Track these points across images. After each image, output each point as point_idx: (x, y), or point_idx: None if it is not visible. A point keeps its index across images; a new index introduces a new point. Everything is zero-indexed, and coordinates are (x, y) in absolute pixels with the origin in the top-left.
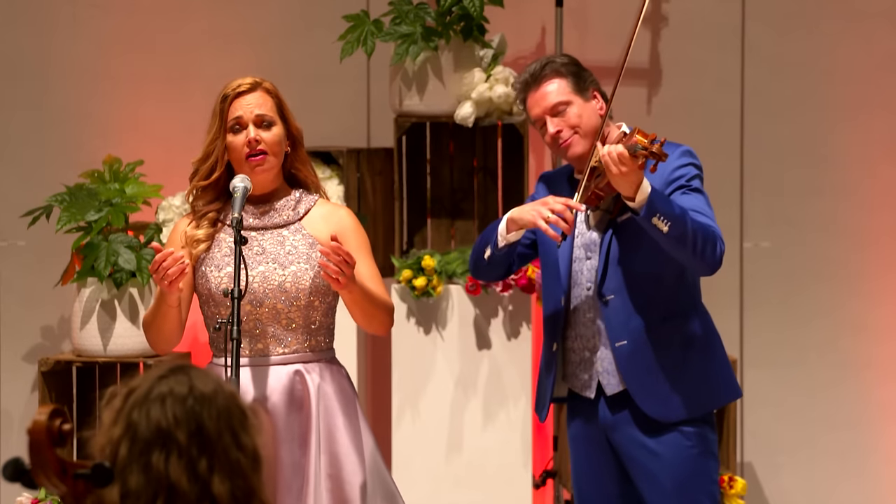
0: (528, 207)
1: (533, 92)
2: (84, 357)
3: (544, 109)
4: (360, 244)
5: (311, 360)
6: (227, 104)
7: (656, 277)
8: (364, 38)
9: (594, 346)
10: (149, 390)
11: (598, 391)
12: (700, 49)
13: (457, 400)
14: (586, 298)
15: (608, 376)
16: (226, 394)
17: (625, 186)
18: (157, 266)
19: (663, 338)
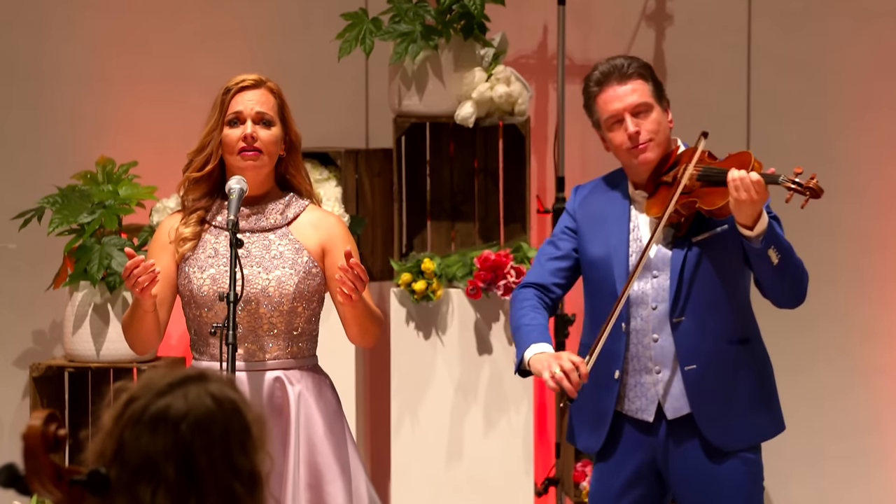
0: (545, 357)
1: (617, 85)
2: (76, 362)
3: (626, 106)
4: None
5: (292, 367)
6: (228, 97)
7: (727, 301)
8: (362, 36)
9: (657, 369)
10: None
11: (656, 414)
12: (705, 48)
13: (457, 406)
14: (651, 319)
15: (672, 399)
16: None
17: (746, 214)
18: (129, 273)
19: (731, 363)
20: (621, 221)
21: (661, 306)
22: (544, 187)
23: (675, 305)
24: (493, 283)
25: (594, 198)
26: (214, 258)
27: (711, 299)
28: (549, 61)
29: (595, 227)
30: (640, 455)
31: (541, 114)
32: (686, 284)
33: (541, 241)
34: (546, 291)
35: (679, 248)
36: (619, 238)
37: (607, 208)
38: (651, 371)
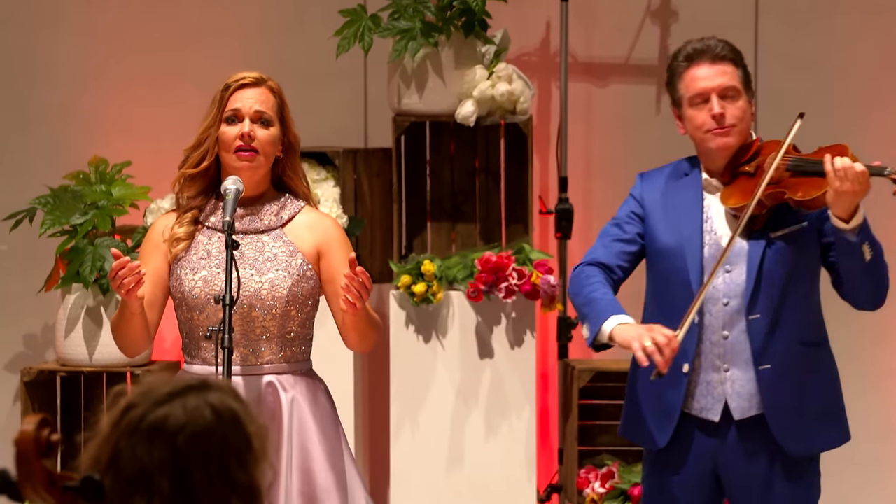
0: (633, 329)
1: (708, 64)
2: (69, 366)
3: (715, 87)
4: (346, 257)
5: (284, 371)
6: (227, 94)
7: (803, 301)
8: (361, 33)
9: (725, 367)
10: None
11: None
12: None
13: (458, 411)
14: (721, 314)
15: (740, 399)
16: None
17: (845, 206)
18: (114, 274)
19: (804, 365)
20: (693, 210)
21: (734, 302)
22: (547, 187)
23: (753, 302)
24: (494, 285)
25: (662, 184)
26: (207, 260)
27: (787, 298)
28: (552, 59)
29: (665, 214)
30: (702, 459)
31: (543, 112)
32: (764, 279)
33: (544, 242)
34: (610, 272)
35: (757, 242)
36: (691, 228)
37: (678, 196)
38: (719, 369)
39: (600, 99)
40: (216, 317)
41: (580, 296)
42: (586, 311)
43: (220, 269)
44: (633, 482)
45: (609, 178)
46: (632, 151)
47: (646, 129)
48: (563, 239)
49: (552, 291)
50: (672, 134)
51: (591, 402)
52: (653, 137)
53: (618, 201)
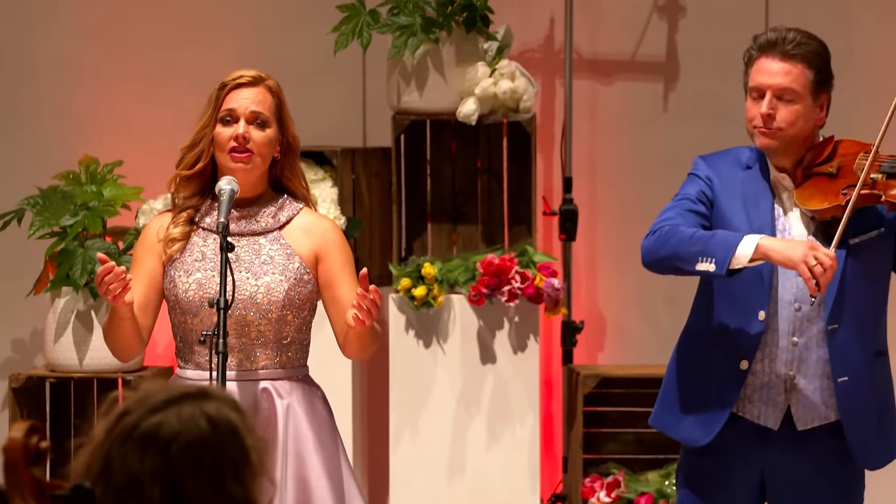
0: (794, 245)
1: (774, 60)
2: (58, 372)
3: (772, 86)
4: (345, 261)
5: (280, 377)
6: (223, 93)
7: (876, 310)
8: (359, 29)
9: (791, 374)
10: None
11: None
12: (721, 41)
13: (459, 418)
14: (791, 318)
15: (806, 409)
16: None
17: None
18: (100, 280)
19: (875, 376)
20: (764, 205)
21: (806, 308)
22: (551, 188)
23: (834, 312)
24: (496, 288)
25: (728, 171)
26: (201, 262)
27: (864, 307)
28: (556, 55)
29: (734, 203)
30: (750, 466)
31: (547, 111)
32: (846, 290)
33: (547, 244)
34: None
35: (838, 250)
36: (761, 222)
37: (746, 186)
38: (784, 375)
39: (606, 97)
40: (210, 321)
41: (675, 238)
42: (698, 246)
43: (215, 271)
44: (639, 491)
45: (615, 178)
46: (638, 151)
47: (653, 128)
48: (568, 241)
49: (556, 295)
50: (679, 133)
51: (597, 409)
52: (660, 136)
53: (624, 202)
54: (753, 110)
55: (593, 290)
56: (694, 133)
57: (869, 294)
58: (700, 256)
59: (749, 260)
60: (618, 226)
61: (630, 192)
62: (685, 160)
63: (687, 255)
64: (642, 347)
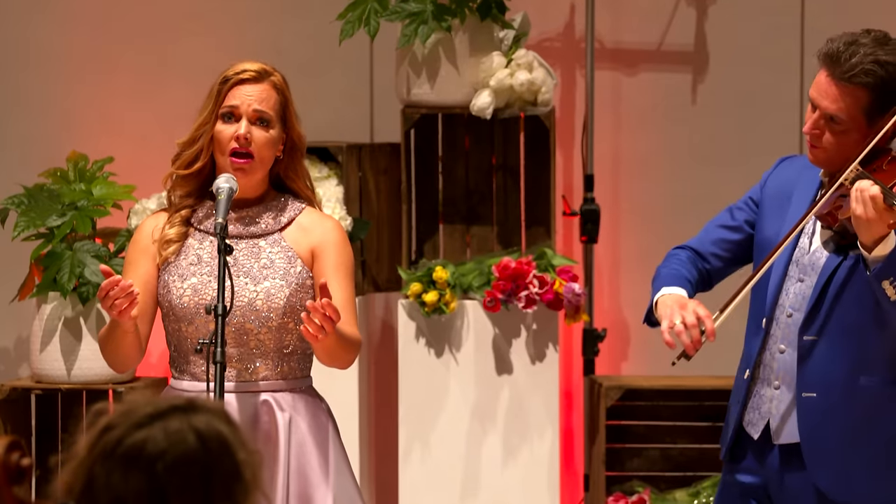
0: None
1: (828, 78)
2: (44, 383)
3: (819, 105)
4: (341, 263)
5: (282, 388)
6: (225, 87)
7: (875, 329)
8: (366, 17)
9: (776, 383)
10: (120, 440)
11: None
12: (753, 30)
13: (473, 433)
14: (783, 326)
15: (782, 422)
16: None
17: (864, 232)
18: (104, 294)
19: (866, 402)
20: (804, 205)
21: (797, 316)
22: (571, 186)
23: (810, 320)
24: (513, 294)
25: (790, 171)
26: (197, 266)
27: (855, 323)
28: (577, 44)
29: (776, 204)
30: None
31: (567, 104)
32: (829, 299)
33: (567, 246)
34: (701, 259)
35: (835, 256)
36: (788, 225)
37: (799, 185)
38: (771, 384)
39: (630, 88)
40: (207, 328)
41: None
42: (652, 288)
43: (212, 276)
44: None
45: (639, 175)
46: (665, 146)
47: (680, 121)
48: (589, 243)
49: (577, 301)
50: (709, 127)
51: (620, 423)
52: (688, 131)
53: (649, 201)
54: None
55: (616, 296)
56: (724, 127)
57: (867, 310)
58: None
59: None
60: (643, 227)
61: (656, 190)
62: (715, 156)
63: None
64: (669, 357)
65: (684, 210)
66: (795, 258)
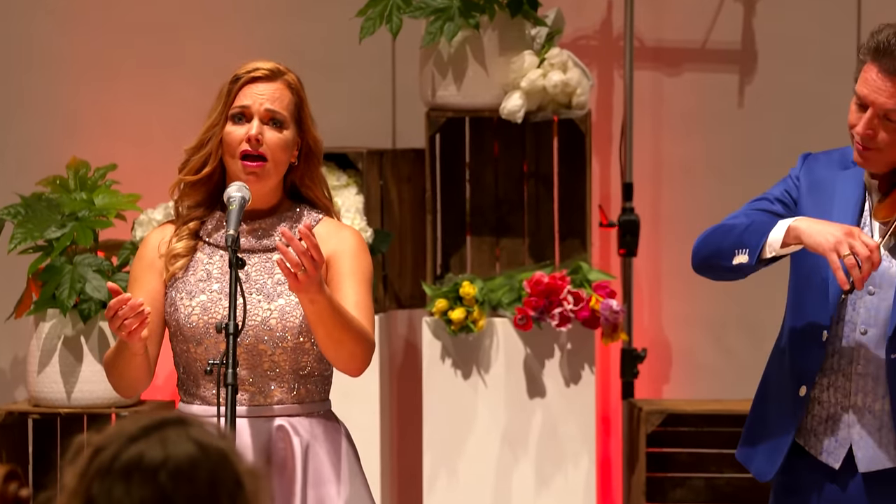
0: (827, 229)
1: (879, 72)
2: (42, 407)
3: (874, 103)
4: (356, 269)
5: (297, 413)
6: (236, 87)
7: None
8: (388, 13)
9: (854, 405)
10: (115, 456)
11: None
12: (805, 27)
13: (503, 460)
14: (856, 343)
15: (869, 448)
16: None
17: None
18: (112, 313)
19: None
20: (851, 209)
21: (873, 332)
22: (608, 195)
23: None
24: (546, 311)
25: (824, 169)
26: (206, 282)
27: None
28: (615, 43)
29: (819, 202)
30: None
31: (604, 106)
32: None
33: (604, 259)
34: None
35: None
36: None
37: (837, 187)
38: (845, 406)
39: (672, 90)
40: (217, 349)
41: (718, 232)
42: (734, 236)
43: (222, 293)
44: None
45: (681, 183)
46: (709, 152)
47: (726, 125)
48: (628, 256)
49: (615, 318)
50: (758, 131)
51: (662, 451)
52: (734, 135)
53: (692, 210)
54: (854, 117)
55: (657, 314)
56: (773, 131)
57: None
58: (736, 248)
59: (781, 245)
60: (685, 239)
61: (699, 199)
62: (763, 162)
63: (726, 248)
64: (714, 379)
65: None
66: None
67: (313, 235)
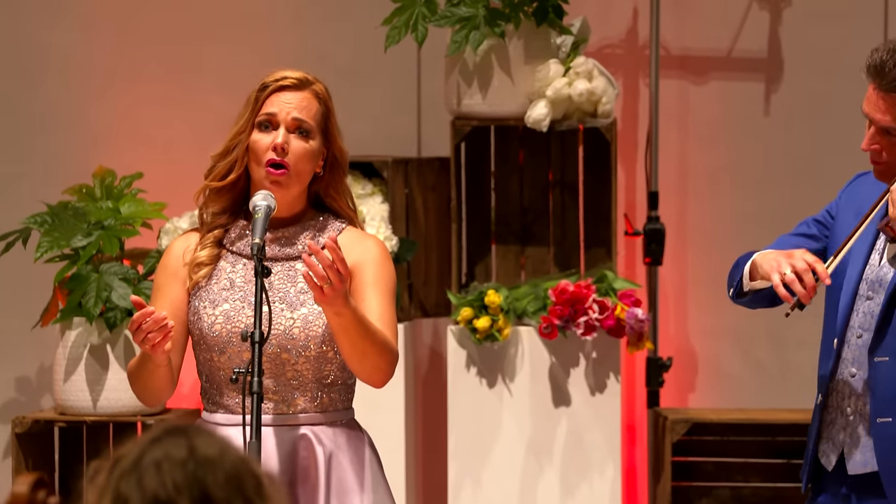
0: (773, 255)
1: (875, 90)
2: (68, 415)
3: (873, 120)
4: (380, 279)
5: (321, 422)
6: (264, 95)
7: None
8: (414, 22)
9: (849, 409)
10: (139, 456)
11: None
12: (832, 36)
13: (528, 470)
14: (854, 347)
15: (856, 451)
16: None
17: None
18: (136, 327)
19: None
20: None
21: (866, 336)
22: (633, 204)
23: (878, 340)
24: (571, 320)
25: (866, 186)
26: (230, 291)
27: None
28: (640, 51)
29: (847, 218)
30: None
31: (630, 115)
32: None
33: (629, 268)
34: None
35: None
36: (865, 233)
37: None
38: (844, 411)
39: (698, 98)
40: (240, 358)
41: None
42: (731, 271)
43: (245, 302)
44: None
45: (707, 192)
46: (735, 161)
47: (752, 134)
48: (653, 265)
49: (640, 327)
50: (784, 140)
51: (687, 460)
52: (760, 144)
53: (717, 219)
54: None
55: (683, 322)
56: (800, 140)
57: None
58: (730, 282)
59: (750, 278)
60: (711, 247)
61: (725, 208)
62: (790, 171)
63: (729, 281)
64: (739, 388)
65: (756, 230)
66: (865, 275)
67: (339, 248)
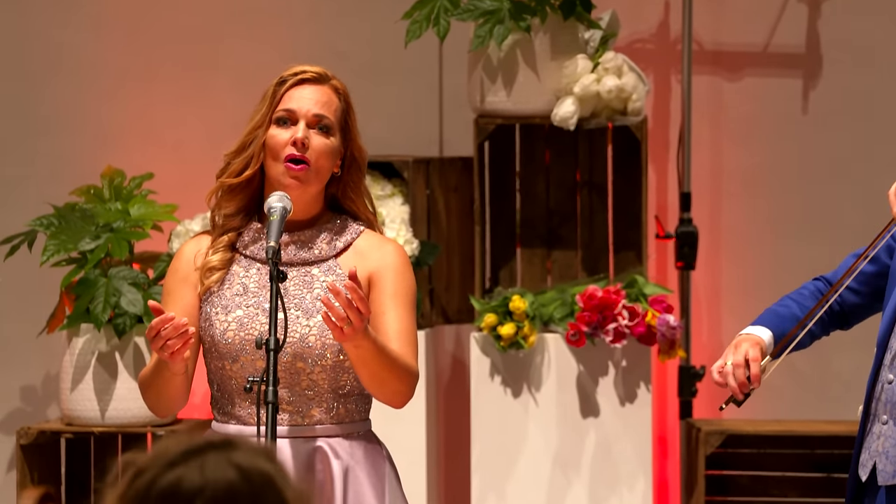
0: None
1: None
2: (75, 426)
3: None
4: (399, 290)
5: (337, 434)
6: (282, 89)
7: None
8: (435, 16)
9: (884, 418)
10: (152, 482)
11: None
12: (872, 30)
13: (555, 483)
14: (893, 353)
15: (887, 461)
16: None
17: None
18: (155, 333)
19: None
20: None
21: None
22: (665, 205)
23: None
24: (600, 326)
25: None
26: (243, 296)
27: None
28: (672, 46)
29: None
30: None
31: (661, 113)
32: None
33: (661, 272)
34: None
35: None
36: None
37: None
38: (879, 419)
39: (732, 96)
40: (253, 367)
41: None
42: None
43: (259, 308)
44: None
45: (742, 194)
46: (771, 161)
47: (789, 133)
48: (686, 270)
49: (672, 335)
50: (823, 139)
51: (721, 473)
52: (798, 143)
53: (752, 222)
54: None
55: (716, 329)
56: (839, 138)
57: None
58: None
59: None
60: (746, 251)
61: (760, 210)
62: (828, 172)
63: None
64: (776, 399)
65: (793, 233)
66: None
67: (360, 286)
